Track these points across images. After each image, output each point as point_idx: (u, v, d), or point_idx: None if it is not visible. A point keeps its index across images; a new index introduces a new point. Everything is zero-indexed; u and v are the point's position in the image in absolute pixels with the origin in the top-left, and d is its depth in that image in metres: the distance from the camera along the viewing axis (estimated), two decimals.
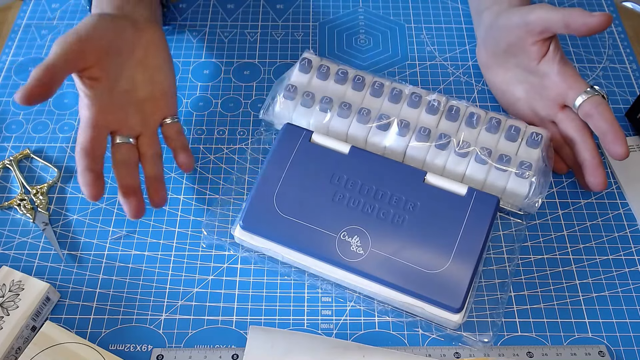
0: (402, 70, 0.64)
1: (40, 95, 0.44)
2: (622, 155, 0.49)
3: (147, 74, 0.53)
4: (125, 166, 0.50)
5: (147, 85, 0.53)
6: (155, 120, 0.53)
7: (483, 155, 0.51)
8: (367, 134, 0.53)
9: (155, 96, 0.53)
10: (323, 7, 0.70)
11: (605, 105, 0.50)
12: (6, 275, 0.48)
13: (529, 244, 0.52)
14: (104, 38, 0.49)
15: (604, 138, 0.49)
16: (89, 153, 0.48)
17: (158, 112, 0.53)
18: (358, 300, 0.49)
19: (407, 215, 0.47)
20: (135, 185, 0.50)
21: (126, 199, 0.49)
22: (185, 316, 0.48)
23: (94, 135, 0.48)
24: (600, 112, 0.49)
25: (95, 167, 0.48)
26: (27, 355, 0.44)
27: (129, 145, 0.51)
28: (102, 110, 0.49)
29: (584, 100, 0.50)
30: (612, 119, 0.49)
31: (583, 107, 0.51)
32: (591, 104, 0.50)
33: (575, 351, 0.46)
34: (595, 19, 0.48)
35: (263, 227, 0.48)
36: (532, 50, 0.53)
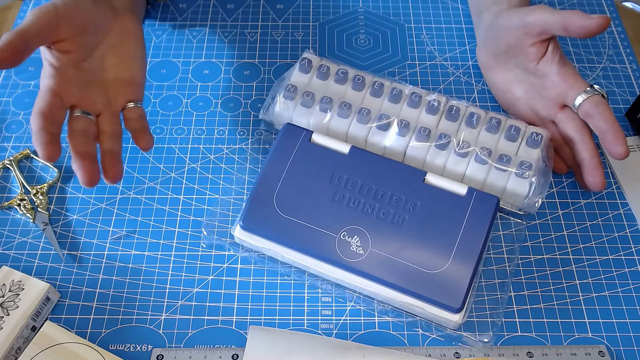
0: (402, 70, 0.64)
1: (9, 60, 0.44)
2: (622, 155, 0.49)
3: (117, 59, 0.52)
4: (82, 136, 0.48)
5: (115, 69, 0.52)
6: (118, 103, 0.52)
7: (483, 155, 0.51)
8: (367, 134, 0.53)
9: (122, 80, 0.52)
10: (323, 7, 0.70)
11: (605, 105, 0.50)
12: (6, 275, 0.48)
13: (529, 244, 0.52)
14: (82, 18, 0.49)
15: (603, 138, 0.49)
16: (45, 116, 0.46)
17: (122, 96, 0.52)
18: (358, 300, 0.49)
19: (407, 215, 0.47)
20: (91, 153, 0.48)
21: (80, 163, 0.47)
22: (185, 316, 0.48)
23: (53, 102, 0.47)
24: (600, 112, 0.49)
25: (52, 129, 0.46)
26: (27, 355, 0.44)
27: (88, 119, 0.49)
28: (64, 81, 0.48)
29: (584, 99, 0.50)
30: (612, 119, 0.49)
31: (583, 107, 0.51)
32: (591, 104, 0.50)
33: (575, 351, 0.46)
34: (594, 22, 0.48)
35: (263, 227, 0.48)
36: (531, 51, 0.53)
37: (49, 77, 0.48)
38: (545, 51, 0.53)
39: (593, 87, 0.51)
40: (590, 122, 0.51)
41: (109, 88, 0.52)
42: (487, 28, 0.58)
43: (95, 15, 0.50)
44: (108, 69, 0.52)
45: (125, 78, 0.53)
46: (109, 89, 0.52)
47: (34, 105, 0.47)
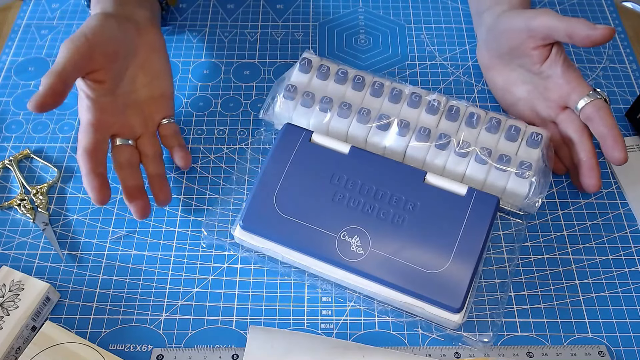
0: (402, 70, 0.64)
1: (53, 103, 0.44)
2: (621, 161, 0.49)
3: (147, 77, 0.53)
4: (128, 167, 0.51)
5: (147, 87, 0.53)
6: (154, 121, 0.54)
7: (483, 155, 0.51)
8: (367, 134, 0.53)
9: (154, 97, 0.54)
10: (323, 7, 0.70)
11: (607, 110, 0.50)
12: (6, 275, 0.48)
13: (529, 244, 0.52)
14: (112, 42, 0.49)
15: (603, 142, 0.50)
16: (92, 155, 0.48)
17: (157, 113, 0.54)
18: (358, 300, 0.49)
19: (407, 215, 0.47)
20: (140, 186, 0.50)
21: (132, 201, 0.49)
22: (185, 316, 0.48)
23: (97, 138, 0.48)
24: (601, 116, 0.50)
25: (100, 170, 0.48)
26: (27, 355, 0.44)
27: (130, 147, 0.52)
28: (103, 112, 0.49)
29: (586, 103, 0.50)
30: (612, 124, 0.49)
31: (585, 110, 0.51)
32: (593, 108, 0.50)
33: (575, 351, 0.46)
34: (598, 32, 0.48)
35: (263, 227, 0.48)
36: (534, 54, 0.53)
37: (87, 109, 0.49)
38: (548, 54, 0.53)
39: (596, 91, 0.51)
40: (591, 125, 0.51)
41: (143, 108, 0.53)
42: (488, 29, 0.58)
43: (122, 38, 0.51)
44: (140, 89, 0.53)
45: (157, 94, 0.54)
46: (144, 109, 0.53)
47: (78, 142, 0.48)
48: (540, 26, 0.51)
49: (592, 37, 0.49)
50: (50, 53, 0.65)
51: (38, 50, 0.66)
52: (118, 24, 0.51)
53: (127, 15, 0.53)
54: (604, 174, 0.56)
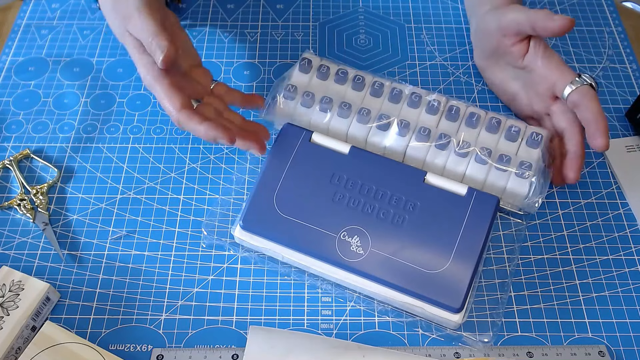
0: (402, 70, 0.64)
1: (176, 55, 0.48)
2: (601, 147, 0.49)
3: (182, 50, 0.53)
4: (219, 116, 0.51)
5: (183, 59, 0.53)
6: (207, 84, 0.54)
7: (483, 155, 0.51)
8: (367, 134, 0.53)
9: (194, 66, 0.54)
10: (323, 7, 0.70)
11: (592, 96, 0.50)
12: (6, 275, 0.48)
13: (529, 244, 0.52)
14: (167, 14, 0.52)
15: (587, 129, 0.50)
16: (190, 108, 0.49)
17: (204, 77, 0.54)
18: (358, 300, 0.49)
19: (407, 215, 0.47)
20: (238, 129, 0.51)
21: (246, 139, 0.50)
22: (185, 316, 0.48)
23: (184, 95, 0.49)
24: (586, 103, 0.50)
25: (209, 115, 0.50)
26: (27, 355, 0.44)
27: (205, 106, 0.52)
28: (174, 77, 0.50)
29: (572, 90, 0.51)
30: (597, 110, 0.49)
31: (571, 98, 0.51)
32: (578, 95, 0.50)
33: (575, 351, 0.46)
34: (556, 24, 0.49)
35: (263, 227, 0.48)
36: (514, 51, 0.54)
37: (161, 76, 0.49)
38: (527, 48, 0.54)
39: (582, 77, 0.51)
40: (578, 113, 0.51)
41: (193, 75, 0.54)
42: (474, 33, 0.60)
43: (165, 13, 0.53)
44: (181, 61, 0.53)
45: (194, 63, 0.54)
46: (194, 76, 0.54)
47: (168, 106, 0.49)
48: (510, 22, 0.53)
49: (549, 28, 0.50)
50: (50, 53, 0.65)
51: (38, 50, 0.66)
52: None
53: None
54: (603, 174, 0.56)
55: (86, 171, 0.56)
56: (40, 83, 0.63)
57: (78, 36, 0.67)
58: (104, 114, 0.60)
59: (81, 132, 0.59)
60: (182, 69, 0.53)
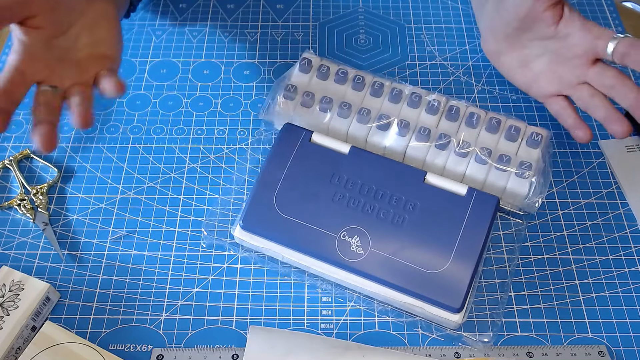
0: (402, 70, 0.64)
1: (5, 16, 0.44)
2: None
3: (91, 39, 0.51)
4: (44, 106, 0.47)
5: (89, 47, 0.51)
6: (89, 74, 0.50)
7: (483, 155, 0.51)
8: (367, 134, 0.53)
9: (94, 56, 0.51)
10: (323, 7, 0.70)
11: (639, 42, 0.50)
12: (6, 275, 0.48)
13: (529, 244, 0.52)
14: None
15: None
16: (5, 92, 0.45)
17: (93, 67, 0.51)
18: (358, 300, 0.49)
19: (407, 215, 0.47)
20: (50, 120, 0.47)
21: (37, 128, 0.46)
22: (185, 316, 0.48)
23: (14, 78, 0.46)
24: (636, 48, 0.49)
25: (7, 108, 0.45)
26: (27, 355, 0.44)
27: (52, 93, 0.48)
28: (31, 58, 0.47)
29: (617, 42, 0.50)
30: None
31: (618, 50, 0.50)
32: (625, 44, 0.50)
33: (575, 351, 0.46)
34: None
35: (263, 227, 0.48)
36: (547, 17, 0.53)
37: (15, 53, 0.47)
38: (561, 12, 0.53)
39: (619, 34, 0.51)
40: (629, 61, 0.50)
41: (81, 64, 0.50)
42: (491, 14, 0.58)
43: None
44: (81, 48, 0.51)
45: (98, 54, 0.51)
46: (80, 65, 0.50)
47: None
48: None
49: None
50: None
51: None
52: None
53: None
54: (603, 174, 0.56)
55: (86, 171, 0.56)
56: None
57: None
58: (104, 114, 0.60)
59: (81, 132, 0.59)
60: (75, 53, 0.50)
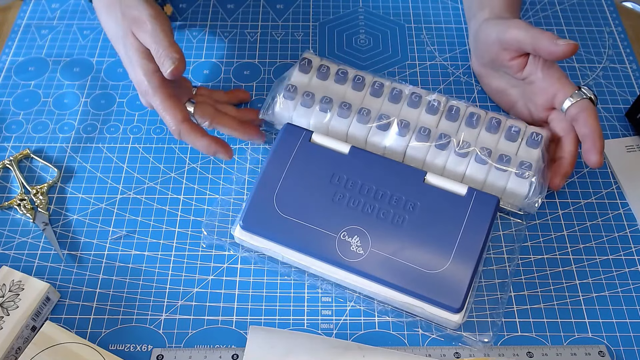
0: (402, 70, 0.64)
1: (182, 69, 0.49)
2: (595, 164, 0.50)
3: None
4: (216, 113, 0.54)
5: None
6: (190, 87, 0.57)
7: (483, 155, 0.51)
8: (367, 134, 0.53)
9: None
10: (323, 7, 0.70)
11: (591, 111, 0.50)
12: (6, 275, 0.48)
13: (529, 244, 0.52)
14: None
15: (583, 144, 0.50)
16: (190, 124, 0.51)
17: (186, 82, 0.57)
18: (358, 300, 0.49)
19: (407, 215, 0.47)
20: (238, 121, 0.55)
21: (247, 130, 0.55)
22: (185, 316, 0.48)
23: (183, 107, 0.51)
24: (584, 118, 0.50)
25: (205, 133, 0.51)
26: (27, 355, 0.44)
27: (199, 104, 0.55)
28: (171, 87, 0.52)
29: (571, 104, 0.51)
30: (594, 126, 0.49)
31: (570, 112, 0.51)
32: (577, 109, 0.50)
33: (575, 351, 0.46)
34: (560, 49, 0.49)
35: (263, 227, 0.48)
36: (513, 64, 0.54)
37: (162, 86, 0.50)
38: (525, 62, 0.53)
39: (581, 90, 0.51)
40: (576, 126, 0.51)
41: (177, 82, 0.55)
42: (473, 38, 0.60)
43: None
44: None
45: None
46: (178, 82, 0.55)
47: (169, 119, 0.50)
48: (511, 39, 0.52)
49: (554, 53, 0.50)
50: (50, 53, 0.65)
51: (38, 50, 0.66)
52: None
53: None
54: (603, 174, 0.56)
55: (86, 171, 0.56)
56: (40, 83, 0.63)
57: (78, 36, 0.67)
58: (104, 114, 0.60)
59: (81, 132, 0.59)
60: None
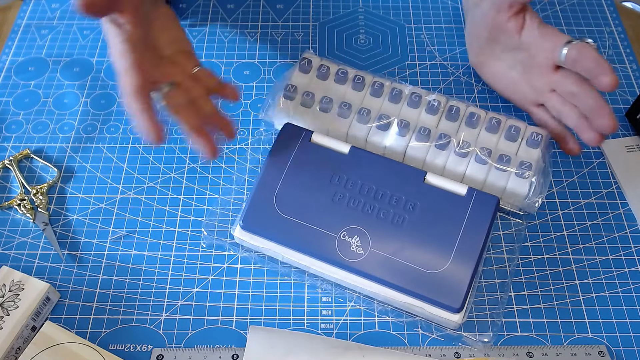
0: (402, 70, 0.64)
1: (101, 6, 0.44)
2: (610, 85, 0.48)
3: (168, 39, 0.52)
4: (186, 106, 0.49)
5: (171, 45, 0.52)
6: (188, 68, 0.52)
7: (483, 155, 0.51)
8: (367, 134, 0.53)
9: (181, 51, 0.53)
10: (323, 7, 0.70)
11: (589, 47, 0.50)
12: (6, 275, 0.48)
13: (529, 244, 0.52)
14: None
15: (592, 75, 0.49)
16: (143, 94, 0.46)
17: (188, 62, 0.53)
18: (358, 300, 0.49)
19: (407, 215, 0.47)
20: (200, 124, 0.49)
21: (200, 139, 0.48)
22: (185, 316, 0.48)
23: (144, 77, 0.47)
24: (585, 53, 0.50)
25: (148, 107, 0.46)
26: (27, 355, 0.44)
27: (180, 90, 0.50)
28: (142, 57, 0.48)
29: (569, 48, 0.51)
30: (596, 57, 0.49)
31: (569, 56, 0.51)
32: (575, 49, 0.50)
33: (575, 351, 0.46)
34: None
35: (263, 227, 0.48)
36: (510, 27, 0.54)
37: (126, 53, 0.47)
38: (523, 21, 0.54)
39: (577, 39, 0.51)
40: (579, 68, 0.50)
41: (174, 59, 0.52)
42: (468, 29, 0.60)
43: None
44: (166, 47, 0.52)
45: (183, 49, 0.53)
46: (175, 60, 0.52)
47: (122, 85, 0.46)
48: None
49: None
50: (50, 53, 0.65)
51: (38, 50, 0.66)
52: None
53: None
54: (603, 174, 0.56)
55: (86, 171, 0.56)
56: (40, 83, 0.63)
57: (78, 36, 0.67)
58: (104, 114, 0.60)
59: (81, 132, 0.59)
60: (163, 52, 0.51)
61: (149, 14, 0.51)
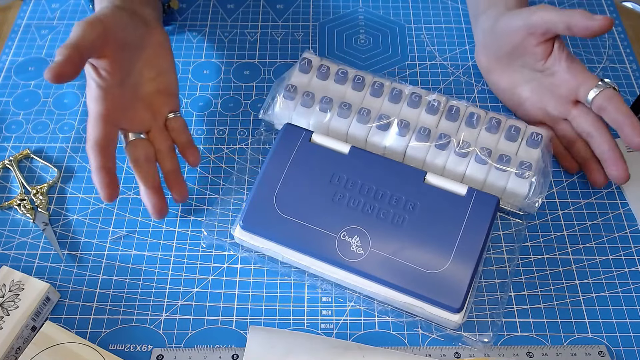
0: (402, 70, 0.64)
1: (71, 74, 0.44)
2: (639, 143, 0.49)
3: (153, 72, 0.53)
4: (146, 163, 0.50)
5: (153, 81, 0.53)
6: (162, 115, 0.53)
7: (483, 155, 0.51)
8: (367, 134, 0.53)
9: (160, 91, 0.53)
10: (323, 7, 0.70)
11: (618, 97, 0.50)
12: (6, 275, 0.48)
13: (529, 244, 0.52)
14: (123, 31, 0.49)
15: (620, 130, 0.50)
16: (103, 149, 0.47)
17: (164, 107, 0.53)
18: (358, 300, 0.49)
19: (407, 215, 0.47)
20: (158, 183, 0.50)
21: (152, 198, 0.49)
22: (185, 316, 0.48)
23: (107, 130, 0.47)
24: (614, 105, 0.50)
25: (110, 165, 0.47)
26: (27, 355, 0.44)
27: (145, 141, 0.51)
28: (113, 103, 0.48)
29: (597, 94, 0.50)
30: (627, 111, 0.49)
31: (596, 101, 0.51)
32: (604, 97, 0.50)
33: (575, 351, 0.46)
34: (597, 23, 0.49)
35: (263, 227, 0.48)
36: (537, 51, 0.53)
37: (98, 100, 0.48)
38: (551, 50, 0.53)
39: (604, 81, 0.51)
40: (605, 115, 0.51)
41: (151, 101, 0.53)
42: (485, 32, 0.58)
43: (132, 30, 0.50)
44: (147, 83, 0.52)
45: (162, 89, 0.53)
46: (151, 103, 0.53)
47: (87, 134, 0.47)
48: (539, 21, 0.52)
49: (590, 28, 0.49)
50: (50, 53, 0.65)
51: (38, 50, 0.66)
52: (129, 16, 0.50)
53: (136, 11, 0.52)
54: None
55: (86, 171, 0.56)
56: (40, 83, 0.63)
57: None
58: None
59: (81, 132, 0.59)
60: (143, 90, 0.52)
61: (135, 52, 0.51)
